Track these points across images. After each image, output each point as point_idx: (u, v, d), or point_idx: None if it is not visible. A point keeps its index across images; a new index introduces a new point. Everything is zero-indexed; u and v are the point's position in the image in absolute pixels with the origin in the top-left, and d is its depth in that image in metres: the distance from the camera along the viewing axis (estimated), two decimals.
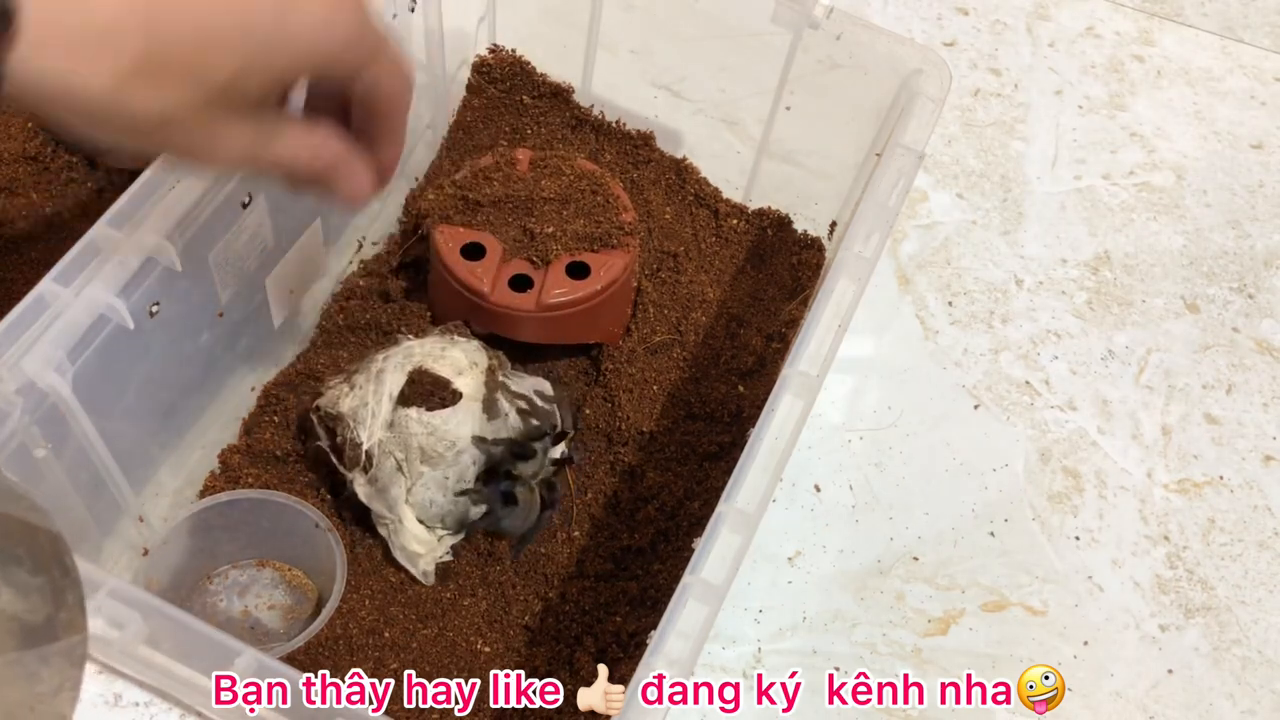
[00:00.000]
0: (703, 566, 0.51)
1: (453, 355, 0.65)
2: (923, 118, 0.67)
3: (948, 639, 0.69)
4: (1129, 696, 0.69)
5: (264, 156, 0.46)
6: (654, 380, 0.73)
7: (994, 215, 0.89)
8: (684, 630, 0.49)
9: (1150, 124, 0.97)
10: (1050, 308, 0.85)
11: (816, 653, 0.68)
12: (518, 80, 0.83)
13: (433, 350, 0.65)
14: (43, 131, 0.77)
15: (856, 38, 0.71)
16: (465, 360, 0.65)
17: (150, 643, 0.47)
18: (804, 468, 0.75)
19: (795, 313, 0.77)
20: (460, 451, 0.62)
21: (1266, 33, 1.04)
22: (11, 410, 0.52)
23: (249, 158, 0.45)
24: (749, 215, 0.83)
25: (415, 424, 0.62)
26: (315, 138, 0.48)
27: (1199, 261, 0.89)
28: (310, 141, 0.48)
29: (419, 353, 0.65)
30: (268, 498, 0.64)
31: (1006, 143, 0.94)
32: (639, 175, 0.82)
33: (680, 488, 0.69)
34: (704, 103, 0.83)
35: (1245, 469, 0.78)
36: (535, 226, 0.71)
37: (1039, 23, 1.02)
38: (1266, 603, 0.73)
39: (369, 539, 0.67)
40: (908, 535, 0.73)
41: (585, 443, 0.71)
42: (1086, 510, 0.75)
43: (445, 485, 0.63)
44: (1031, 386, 0.81)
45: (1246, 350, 0.84)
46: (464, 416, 0.63)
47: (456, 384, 0.64)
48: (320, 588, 0.66)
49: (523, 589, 0.67)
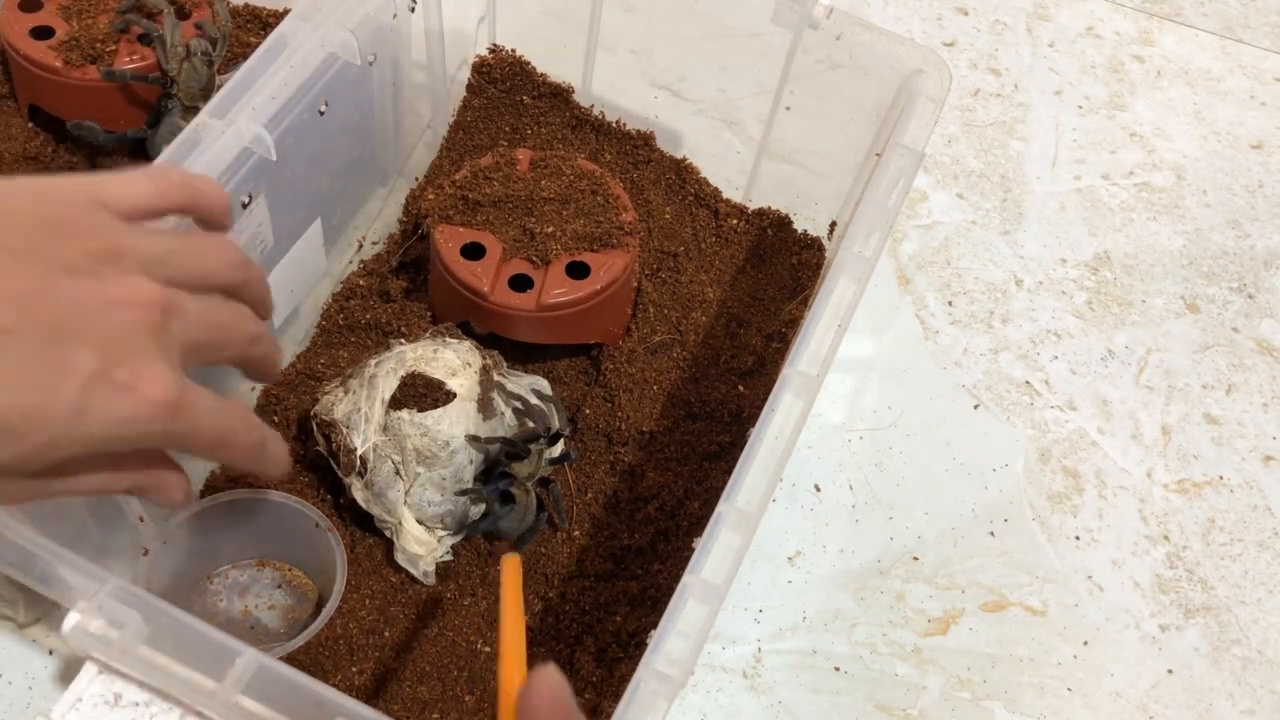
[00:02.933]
0: (703, 566, 0.51)
1: (445, 357, 0.65)
2: (923, 118, 0.67)
3: (948, 639, 0.69)
4: (1129, 696, 0.69)
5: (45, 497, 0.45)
6: (654, 380, 0.73)
7: (994, 215, 0.89)
8: (684, 630, 0.49)
9: (1150, 124, 0.97)
10: (1050, 308, 0.85)
11: (816, 653, 0.68)
12: (518, 80, 0.83)
13: (425, 353, 0.65)
14: (43, 131, 0.77)
15: (856, 38, 0.71)
16: (458, 361, 0.65)
17: (150, 643, 0.47)
18: (804, 468, 0.75)
19: (795, 313, 0.77)
20: (454, 451, 0.63)
21: (1266, 33, 1.04)
22: None
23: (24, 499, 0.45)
24: (749, 215, 0.83)
25: (408, 426, 0.62)
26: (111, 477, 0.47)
27: (1199, 261, 0.89)
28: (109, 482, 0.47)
29: (411, 357, 0.65)
30: (268, 498, 0.64)
31: (1006, 143, 0.94)
32: (639, 175, 0.82)
33: (680, 488, 0.69)
34: (704, 103, 0.83)
35: (1245, 469, 0.78)
36: (535, 226, 0.71)
37: (1039, 23, 1.02)
38: (1266, 603, 0.73)
39: (369, 539, 0.67)
40: (908, 535, 0.73)
41: (585, 442, 0.71)
42: (1086, 510, 0.75)
43: (443, 485, 0.63)
44: (1031, 386, 0.81)
45: (1246, 350, 0.84)
46: (457, 416, 0.63)
47: (450, 385, 0.64)
48: (320, 588, 0.66)
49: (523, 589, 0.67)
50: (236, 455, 0.49)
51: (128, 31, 0.74)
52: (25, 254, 0.42)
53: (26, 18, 0.74)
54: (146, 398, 0.43)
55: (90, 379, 0.41)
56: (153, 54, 0.74)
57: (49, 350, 0.41)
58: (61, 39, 0.73)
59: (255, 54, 0.63)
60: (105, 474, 0.46)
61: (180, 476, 0.50)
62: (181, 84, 0.73)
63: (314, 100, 0.66)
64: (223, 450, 0.48)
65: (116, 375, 0.42)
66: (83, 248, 0.43)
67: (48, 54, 0.73)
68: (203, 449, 0.47)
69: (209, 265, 0.48)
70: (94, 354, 0.42)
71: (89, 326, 0.42)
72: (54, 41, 0.73)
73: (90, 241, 0.44)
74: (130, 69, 0.73)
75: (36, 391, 0.41)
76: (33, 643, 0.63)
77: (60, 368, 0.41)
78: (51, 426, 0.41)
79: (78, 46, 0.73)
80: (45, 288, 0.41)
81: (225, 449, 0.48)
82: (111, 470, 0.47)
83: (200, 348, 0.46)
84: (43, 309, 0.41)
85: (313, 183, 0.71)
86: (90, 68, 0.73)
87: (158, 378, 0.43)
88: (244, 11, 0.84)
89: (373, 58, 0.71)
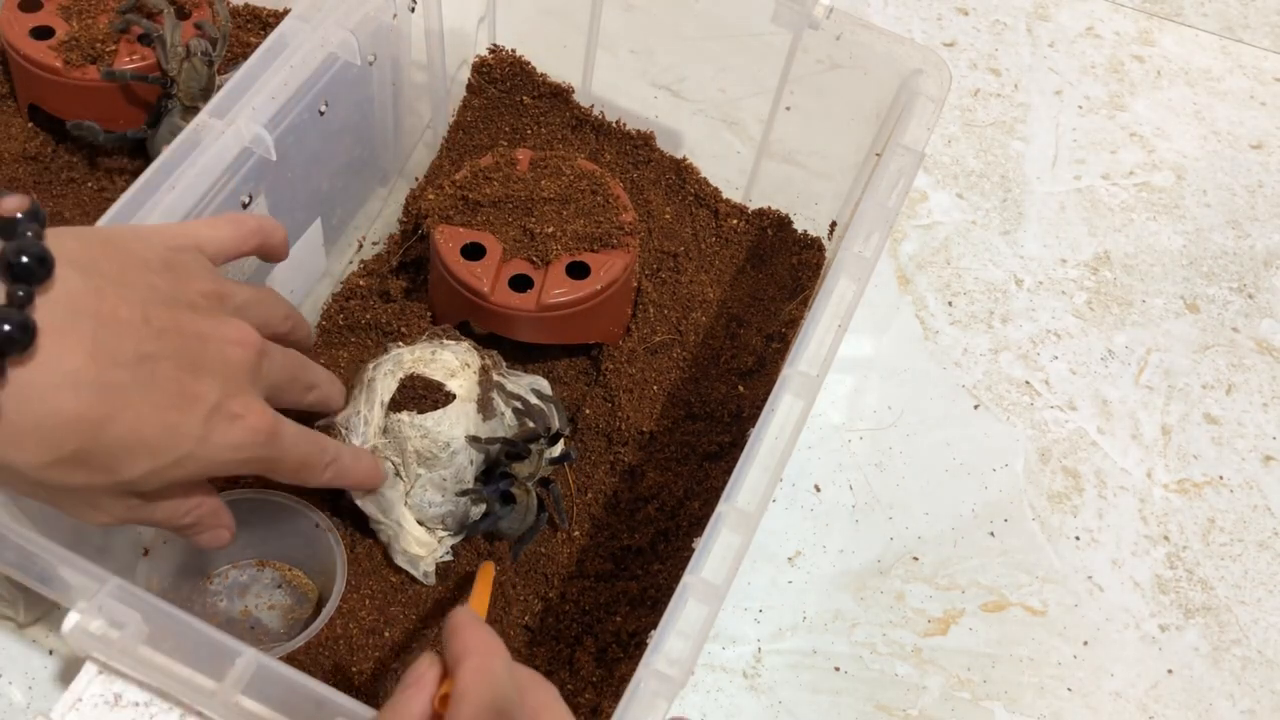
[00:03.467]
0: (703, 566, 0.51)
1: (443, 358, 0.65)
2: (923, 118, 0.67)
3: (948, 639, 0.69)
4: (1129, 696, 0.69)
5: (134, 520, 0.50)
6: (654, 380, 0.73)
7: (994, 215, 0.89)
8: (684, 630, 0.49)
9: (1150, 124, 0.97)
10: (1050, 308, 0.85)
11: (816, 652, 0.68)
12: (518, 80, 0.83)
13: (423, 355, 0.65)
14: (43, 131, 0.77)
15: (856, 38, 0.71)
16: (456, 362, 0.65)
17: (150, 643, 0.47)
18: (804, 468, 0.75)
19: (795, 313, 0.77)
20: (455, 452, 0.63)
21: (1266, 33, 1.04)
22: None
23: (120, 521, 0.49)
24: (749, 215, 0.83)
25: (408, 428, 0.62)
26: (188, 503, 0.52)
27: (1199, 261, 0.89)
28: (186, 508, 0.52)
29: (409, 359, 0.65)
30: (268, 498, 0.64)
31: (1006, 143, 0.94)
32: (639, 175, 0.82)
33: (680, 488, 0.69)
34: (704, 103, 0.83)
35: (1245, 469, 0.78)
36: (535, 226, 0.71)
37: (1039, 23, 1.02)
38: (1266, 603, 0.73)
39: (369, 539, 0.66)
40: (908, 535, 0.73)
41: (585, 442, 0.71)
42: (1086, 510, 0.75)
43: (444, 486, 0.63)
44: (1031, 386, 0.81)
45: (1246, 350, 0.84)
46: (457, 417, 0.63)
47: (449, 386, 0.64)
48: (320, 588, 0.66)
49: (523, 589, 0.67)
50: (314, 475, 0.55)
51: (128, 31, 0.74)
52: (163, 290, 0.46)
53: (26, 18, 0.74)
54: (253, 427, 0.49)
55: (213, 407, 0.47)
56: (153, 54, 0.74)
57: (184, 377, 0.46)
58: (61, 39, 0.73)
59: (255, 54, 0.63)
60: (179, 501, 0.51)
61: (230, 518, 0.55)
62: (181, 84, 0.73)
63: (314, 100, 0.66)
64: (304, 471, 0.54)
65: (231, 406, 0.48)
66: (200, 289, 0.49)
67: (48, 54, 0.73)
68: (287, 471, 0.53)
69: (272, 315, 0.55)
70: (216, 385, 0.47)
71: (211, 359, 0.47)
72: (54, 41, 0.73)
73: (204, 284, 0.49)
74: (130, 69, 0.73)
75: (174, 413, 0.45)
76: (33, 643, 0.63)
77: (192, 395, 0.46)
78: (181, 446, 0.46)
79: (78, 46, 0.73)
80: (178, 322, 0.46)
81: (306, 470, 0.54)
82: (185, 497, 0.52)
83: (274, 389, 0.52)
84: (178, 341, 0.46)
85: (313, 183, 0.71)
86: (90, 68, 0.73)
87: (261, 409, 0.50)
88: (244, 11, 0.84)
89: (373, 58, 0.71)
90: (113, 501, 0.48)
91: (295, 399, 0.56)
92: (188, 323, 0.47)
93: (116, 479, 0.45)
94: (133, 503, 0.49)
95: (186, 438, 0.46)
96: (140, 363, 0.44)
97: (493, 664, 0.41)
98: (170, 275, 0.48)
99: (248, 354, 0.49)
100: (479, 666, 0.41)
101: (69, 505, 0.48)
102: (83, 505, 0.48)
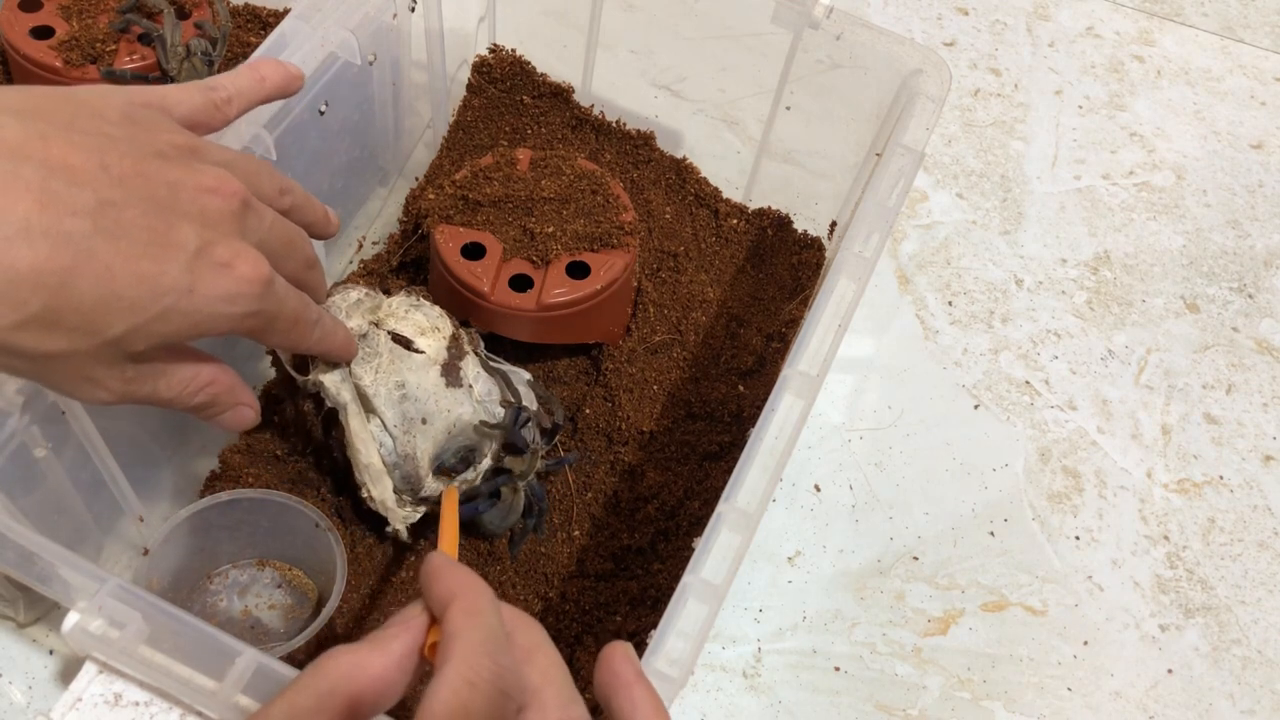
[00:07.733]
0: (703, 566, 0.51)
1: (415, 318, 0.65)
2: (923, 118, 0.67)
3: (948, 639, 0.69)
4: (1129, 696, 0.69)
5: (138, 395, 0.46)
6: (654, 380, 0.73)
7: (994, 215, 0.89)
8: (684, 630, 0.49)
9: (1150, 124, 0.97)
10: (1050, 308, 0.85)
11: (816, 652, 0.68)
12: (518, 80, 0.83)
13: (397, 310, 0.65)
14: None
15: (856, 38, 0.71)
16: (428, 324, 0.65)
17: (150, 643, 0.47)
18: (804, 468, 0.75)
19: (795, 313, 0.77)
20: (411, 399, 0.62)
21: (1266, 33, 1.04)
22: (12, 410, 0.52)
23: (122, 397, 0.46)
24: (749, 215, 0.83)
25: (384, 345, 0.62)
26: (201, 377, 0.49)
27: (1199, 261, 0.89)
28: (195, 380, 0.48)
29: (384, 310, 0.64)
30: (268, 497, 0.64)
31: (1006, 143, 0.94)
32: (639, 175, 0.82)
33: (680, 488, 0.69)
34: (704, 103, 0.83)
35: (1245, 469, 0.78)
36: (535, 226, 0.71)
37: (1039, 23, 1.02)
38: (1266, 603, 0.73)
39: (369, 539, 0.67)
40: (908, 535, 0.73)
41: (585, 442, 0.71)
42: (1086, 510, 0.75)
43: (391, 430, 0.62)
44: (1031, 386, 0.81)
45: (1246, 350, 0.84)
46: (423, 369, 0.63)
47: (419, 343, 0.64)
48: (320, 588, 0.66)
49: (523, 589, 0.67)
50: (304, 335, 0.52)
51: (128, 31, 0.74)
52: (123, 139, 0.43)
53: (26, 18, 0.74)
54: (245, 275, 0.45)
55: (194, 254, 0.43)
56: (153, 54, 0.74)
57: (154, 223, 0.42)
58: (61, 39, 0.73)
59: (255, 54, 0.63)
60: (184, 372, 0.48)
61: (251, 396, 0.52)
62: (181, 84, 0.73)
63: (314, 100, 0.66)
64: (296, 330, 0.51)
65: (217, 253, 0.44)
66: (168, 140, 0.45)
67: (48, 54, 0.73)
68: (281, 328, 0.49)
69: (262, 183, 0.50)
70: (194, 231, 0.43)
71: (185, 206, 0.44)
72: (54, 41, 0.73)
73: (172, 136, 0.46)
74: (130, 69, 0.73)
75: (147, 262, 0.42)
76: (33, 643, 0.63)
77: (165, 240, 0.43)
78: (163, 299, 0.43)
79: (78, 46, 0.73)
80: (142, 169, 0.43)
81: (299, 328, 0.51)
82: (189, 364, 0.48)
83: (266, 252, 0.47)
84: (144, 188, 0.43)
85: (313, 183, 0.71)
86: (90, 68, 0.73)
87: (252, 257, 0.45)
88: (244, 11, 0.84)
89: (373, 57, 0.71)
90: (107, 372, 0.44)
91: (294, 274, 0.51)
92: (155, 170, 0.43)
93: (99, 339, 0.42)
94: (129, 374, 0.45)
95: (169, 290, 0.43)
96: (102, 209, 0.41)
97: (480, 604, 0.39)
98: (131, 126, 0.44)
99: (229, 203, 0.45)
100: (468, 607, 0.39)
101: (62, 381, 0.44)
102: (77, 380, 0.44)
